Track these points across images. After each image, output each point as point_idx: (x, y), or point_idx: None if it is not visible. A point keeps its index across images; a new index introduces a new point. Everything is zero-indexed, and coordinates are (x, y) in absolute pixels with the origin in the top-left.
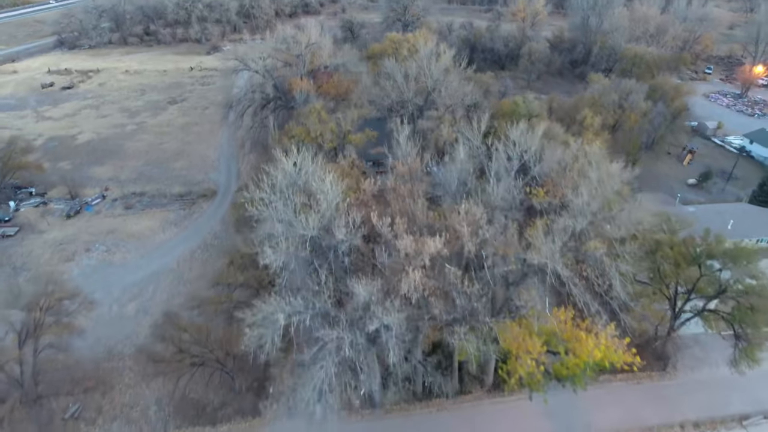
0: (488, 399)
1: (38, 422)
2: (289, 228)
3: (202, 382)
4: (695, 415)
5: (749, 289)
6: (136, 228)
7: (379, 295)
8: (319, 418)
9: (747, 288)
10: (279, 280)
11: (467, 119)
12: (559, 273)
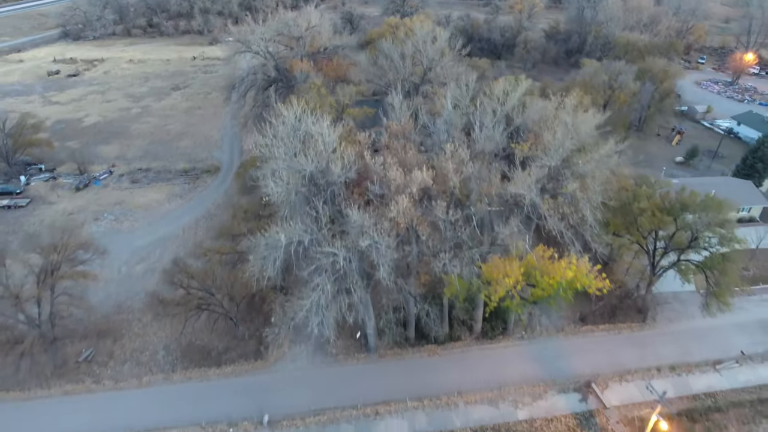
0: (477, 345)
1: (54, 363)
2: (290, 165)
3: (207, 329)
4: (672, 360)
5: (720, 236)
6: (143, 200)
7: (371, 220)
8: (316, 336)
9: (717, 234)
10: (280, 213)
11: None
12: (536, 203)
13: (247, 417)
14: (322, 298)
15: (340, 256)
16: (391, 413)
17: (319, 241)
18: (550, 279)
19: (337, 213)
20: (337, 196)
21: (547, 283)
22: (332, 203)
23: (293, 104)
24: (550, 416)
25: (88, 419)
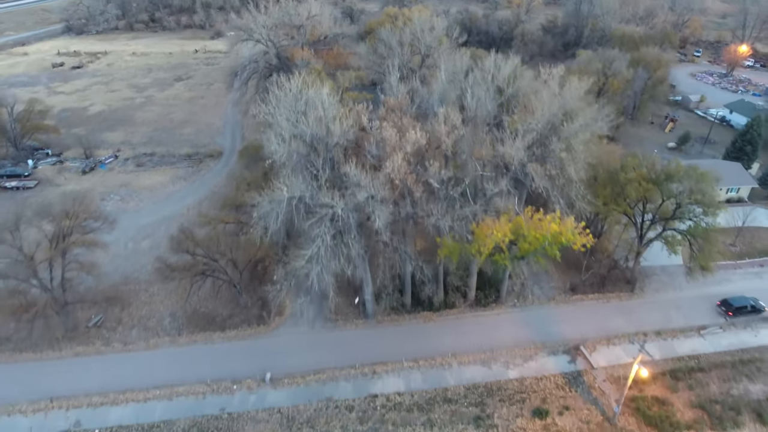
0: (471, 313)
1: (65, 327)
2: (292, 128)
3: (211, 297)
4: (658, 326)
5: (702, 203)
6: (148, 182)
7: (368, 177)
8: (316, 292)
9: (700, 201)
10: (283, 172)
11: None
12: (524, 164)
13: (250, 375)
14: (321, 248)
15: (338, 208)
16: (387, 372)
17: (318, 196)
18: (536, 232)
19: (336, 175)
20: (336, 159)
21: (533, 236)
22: (331, 166)
23: (295, 76)
24: (539, 375)
25: (99, 378)
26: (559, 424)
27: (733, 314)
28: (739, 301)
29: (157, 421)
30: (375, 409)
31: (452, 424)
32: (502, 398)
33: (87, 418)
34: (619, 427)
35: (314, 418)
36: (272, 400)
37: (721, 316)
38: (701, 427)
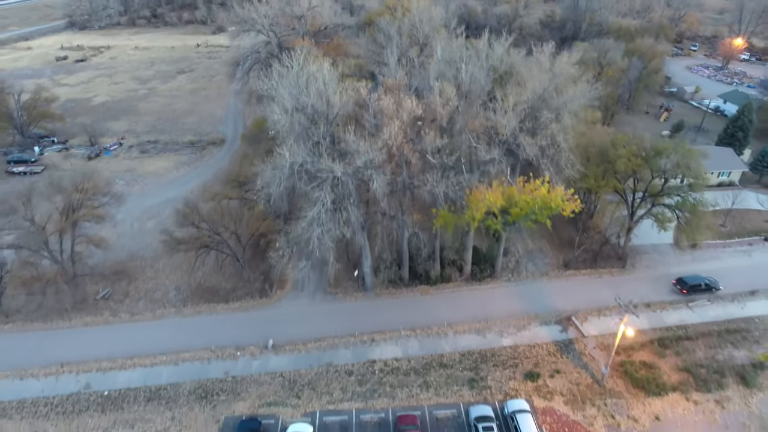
0: (466, 286)
1: (74, 298)
2: (294, 99)
3: (215, 272)
4: (648, 299)
5: (688, 174)
6: (152, 167)
7: (366, 144)
8: (317, 256)
9: (687, 174)
10: (286, 141)
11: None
12: (516, 134)
13: (253, 342)
14: (322, 212)
15: (338, 172)
16: (385, 340)
17: (319, 161)
18: (526, 196)
19: (336, 145)
20: (336, 132)
21: (524, 201)
22: (332, 139)
23: (297, 53)
24: (532, 343)
25: (107, 345)
26: (550, 385)
27: (687, 292)
28: (693, 280)
29: (164, 383)
30: (373, 373)
31: (447, 386)
32: (496, 363)
33: (96, 381)
34: (608, 389)
35: (315, 381)
36: (274, 365)
37: (677, 294)
38: (686, 389)
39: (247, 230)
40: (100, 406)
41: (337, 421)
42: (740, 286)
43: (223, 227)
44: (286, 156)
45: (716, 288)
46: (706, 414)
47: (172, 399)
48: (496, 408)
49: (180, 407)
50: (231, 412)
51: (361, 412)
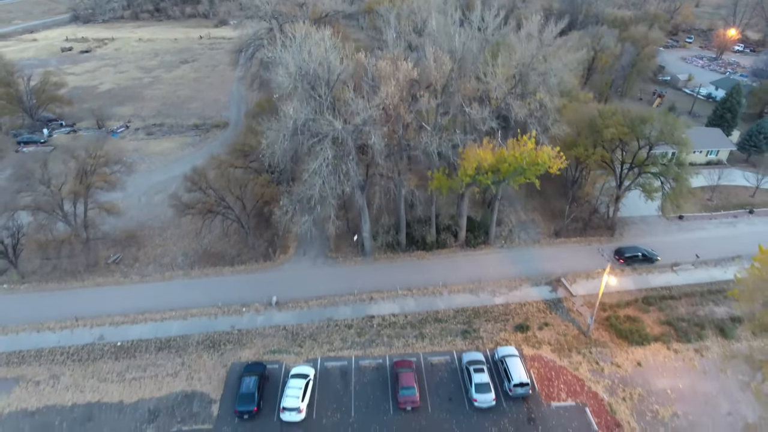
0: (461, 252)
1: (87, 262)
2: (297, 63)
3: (221, 240)
4: (635, 264)
5: (674, 141)
6: (158, 148)
7: (365, 102)
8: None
9: (671, 140)
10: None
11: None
12: (505, 95)
13: (257, 300)
14: (323, 164)
15: (338, 127)
16: (383, 298)
17: (320, 118)
18: (513, 152)
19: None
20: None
21: (512, 156)
22: (332, 104)
23: (299, 25)
24: (523, 302)
25: (119, 303)
26: (538, 336)
27: (624, 262)
28: (630, 251)
29: (174, 335)
30: (372, 327)
31: (441, 337)
32: (488, 319)
33: (109, 334)
34: (593, 339)
35: (316, 333)
36: (278, 320)
37: (615, 263)
38: (668, 339)
39: (252, 196)
40: (113, 355)
41: (338, 366)
42: (724, 253)
43: (229, 192)
44: (290, 113)
45: (654, 259)
46: (686, 361)
47: (182, 348)
48: (487, 355)
49: (189, 355)
50: (237, 359)
51: (360, 358)
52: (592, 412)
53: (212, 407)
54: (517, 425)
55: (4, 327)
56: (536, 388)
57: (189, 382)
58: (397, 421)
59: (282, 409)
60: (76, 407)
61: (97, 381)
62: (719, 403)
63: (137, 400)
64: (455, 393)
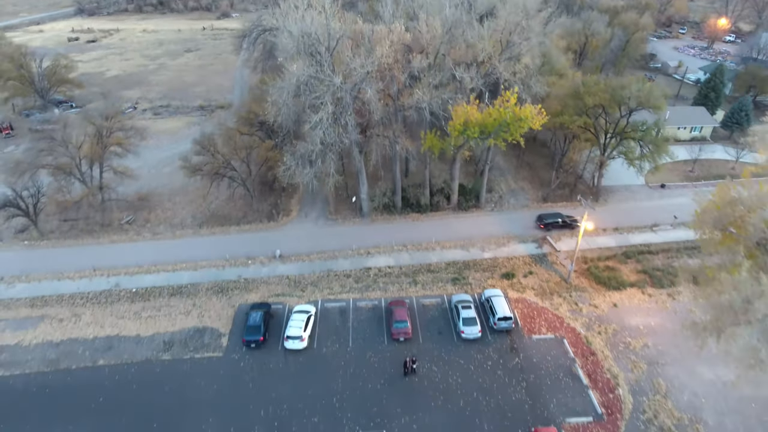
0: (453, 214)
1: (102, 222)
2: (300, 27)
3: (227, 204)
4: (617, 224)
5: (650, 104)
6: (165, 126)
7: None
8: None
9: (647, 104)
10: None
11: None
12: (491, 57)
13: (262, 254)
14: (324, 117)
15: (338, 83)
16: (380, 253)
17: (321, 73)
18: (498, 108)
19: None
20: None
21: (497, 111)
22: (332, 65)
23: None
24: (510, 256)
25: (133, 256)
26: (523, 282)
27: (544, 227)
28: (549, 218)
29: (185, 283)
30: (368, 276)
31: (433, 284)
32: (477, 269)
33: (125, 282)
34: (573, 285)
35: (317, 281)
36: (281, 271)
37: (536, 229)
38: (643, 285)
39: (257, 160)
40: (129, 299)
41: (337, 307)
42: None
43: (236, 154)
44: (293, 71)
45: (575, 225)
46: (659, 303)
47: (193, 294)
48: (475, 297)
49: (200, 298)
50: (244, 301)
51: (357, 300)
52: (570, 343)
53: (222, 339)
54: (500, 353)
55: (27, 276)
56: (519, 323)
57: (200, 320)
58: (391, 349)
59: (286, 338)
60: (97, 339)
61: (115, 318)
62: (686, 336)
63: (153, 333)
64: (444, 328)
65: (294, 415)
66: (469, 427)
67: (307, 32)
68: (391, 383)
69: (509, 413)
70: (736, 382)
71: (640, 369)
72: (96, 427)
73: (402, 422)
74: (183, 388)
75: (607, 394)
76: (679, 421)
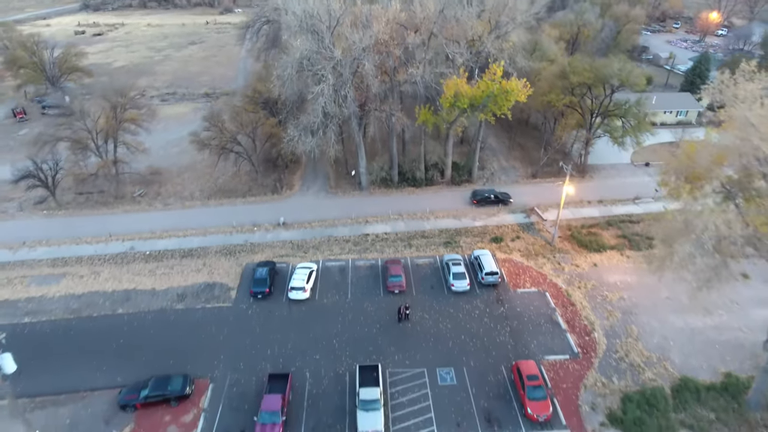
0: (447, 188)
1: (116, 194)
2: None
3: (233, 178)
4: (600, 197)
5: (629, 82)
6: (173, 111)
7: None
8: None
9: (627, 81)
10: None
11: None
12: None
13: (267, 222)
14: (325, 87)
15: (338, 56)
16: (377, 221)
17: (322, 50)
18: (485, 81)
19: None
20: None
21: (485, 83)
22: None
23: None
24: (500, 225)
25: (146, 224)
26: (510, 245)
27: (477, 203)
28: (482, 193)
29: (195, 247)
30: (366, 241)
31: (427, 247)
32: (468, 235)
33: (139, 246)
34: (557, 247)
35: (318, 245)
36: (285, 236)
37: (471, 205)
38: (622, 248)
39: (261, 136)
40: (144, 260)
41: (337, 265)
42: None
43: (242, 129)
44: (297, 46)
45: (507, 201)
46: (635, 263)
47: (203, 255)
48: (465, 257)
49: (209, 259)
50: (250, 260)
51: (356, 260)
52: (551, 296)
53: (230, 292)
54: (487, 304)
55: (47, 241)
56: (505, 279)
57: (210, 276)
58: (386, 301)
59: (290, 289)
60: (116, 292)
61: (131, 275)
62: (660, 290)
63: (167, 287)
64: (436, 283)
65: (297, 354)
66: (456, 362)
67: (309, 12)
68: (386, 328)
69: (493, 352)
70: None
71: (615, 317)
72: (117, 363)
73: (395, 359)
74: (196, 332)
75: (583, 337)
76: (648, 359)
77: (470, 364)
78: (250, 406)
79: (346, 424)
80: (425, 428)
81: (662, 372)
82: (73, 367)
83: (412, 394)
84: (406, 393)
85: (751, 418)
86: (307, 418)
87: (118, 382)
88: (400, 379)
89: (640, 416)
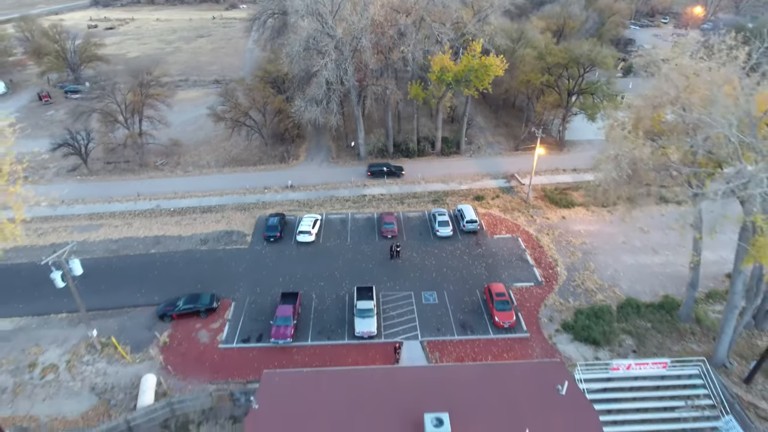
0: (437, 159)
1: (140, 164)
2: None
3: (245, 150)
4: (574, 166)
5: (600, 64)
6: (186, 96)
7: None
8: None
9: (598, 62)
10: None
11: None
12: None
13: (276, 185)
14: (329, 61)
15: (339, 35)
16: (374, 185)
17: (325, 29)
18: (467, 57)
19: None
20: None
21: (466, 58)
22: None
23: None
24: (483, 188)
25: (169, 187)
26: (491, 203)
27: (372, 175)
28: (376, 167)
29: (213, 205)
30: (364, 200)
31: (417, 204)
32: (454, 196)
33: (164, 204)
34: (531, 204)
35: (322, 203)
36: (293, 197)
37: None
38: (588, 205)
39: (271, 109)
40: (169, 215)
41: (338, 217)
42: None
43: (254, 104)
44: (303, 26)
45: (399, 173)
46: (599, 216)
47: (220, 210)
48: (449, 211)
49: (227, 213)
50: (263, 214)
51: (354, 213)
52: (523, 240)
53: (246, 237)
54: (467, 246)
55: (83, 199)
56: (483, 227)
57: (228, 225)
58: (381, 244)
59: (298, 233)
60: (147, 238)
61: (160, 225)
62: (617, 237)
63: (191, 234)
64: (424, 231)
65: (304, 281)
66: (438, 287)
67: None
68: (380, 263)
69: (470, 280)
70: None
71: (576, 256)
72: (153, 288)
73: (387, 285)
74: (218, 266)
75: (547, 270)
76: (601, 286)
77: (450, 289)
78: (266, 317)
79: (346, 329)
80: (411, 333)
81: (611, 295)
82: (116, 291)
83: (400, 309)
84: (395, 308)
85: (681, 327)
86: (314, 325)
87: (156, 301)
88: (391, 299)
89: (588, 324)
